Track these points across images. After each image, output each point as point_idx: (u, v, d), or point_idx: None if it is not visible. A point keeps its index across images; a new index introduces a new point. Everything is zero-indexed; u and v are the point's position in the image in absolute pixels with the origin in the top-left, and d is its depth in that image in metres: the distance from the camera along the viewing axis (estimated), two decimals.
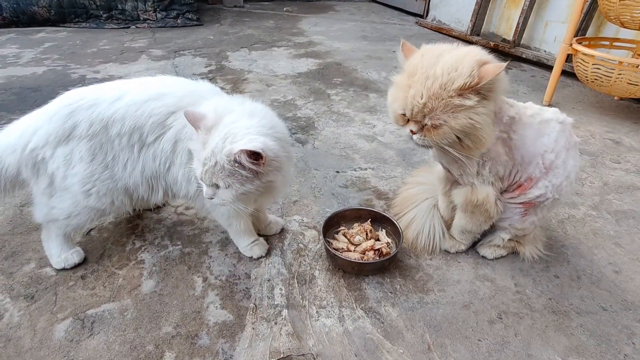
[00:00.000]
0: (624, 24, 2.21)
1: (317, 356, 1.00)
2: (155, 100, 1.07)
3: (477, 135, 1.00)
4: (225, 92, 1.22)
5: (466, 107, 0.96)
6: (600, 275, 1.29)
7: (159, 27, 4.20)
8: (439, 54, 1.01)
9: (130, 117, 1.05)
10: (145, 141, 1.07)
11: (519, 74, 3.18)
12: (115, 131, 1.05)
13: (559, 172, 1.15)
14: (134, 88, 1.09)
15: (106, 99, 1.06)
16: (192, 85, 1.15)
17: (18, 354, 0.98)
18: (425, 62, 1.00)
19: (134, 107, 1.05)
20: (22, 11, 3.85)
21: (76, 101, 1.06)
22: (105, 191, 1.12)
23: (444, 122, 0.98)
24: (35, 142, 1.05)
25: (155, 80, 1.14)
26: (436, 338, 1.06)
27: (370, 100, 2.59)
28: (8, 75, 2.72)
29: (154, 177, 1.12)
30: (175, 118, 1.07)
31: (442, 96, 0.96)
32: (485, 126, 1.00)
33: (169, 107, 1.07)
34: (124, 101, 1.06)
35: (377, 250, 1.27)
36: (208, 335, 1.04)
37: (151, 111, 1.05)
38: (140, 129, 1.06)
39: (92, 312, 1.09)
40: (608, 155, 2.02)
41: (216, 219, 1.27)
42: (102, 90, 1.10)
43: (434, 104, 0.97)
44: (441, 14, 4.62)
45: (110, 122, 1.05)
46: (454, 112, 0.97)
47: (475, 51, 1.01)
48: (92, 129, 1.05)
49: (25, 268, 1.22)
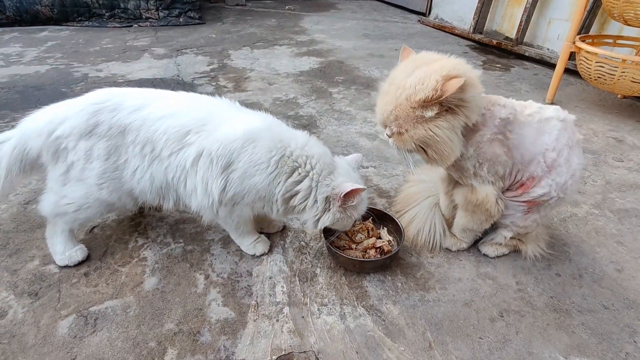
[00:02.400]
0: (627, 21, 2.19)
1: (319, 353, 1.01)
2: (171, 118, 1.11)
3: (438, 148, 1.05)
4: (227, 90, 1.22)
5: (426, 119, 1.02)
6: (602, 274, 1.29)
7: (161, 26, 4.21)
8: (418, 65, 1.04)
9: (145, 130, 1.10)
10: (158, 154, 1.11)
11: (522, 72, 3.17)
12: (131, 139, 1.11)
13: (562, 171, 1.15)
14: (155, 102, 1.14)
15: (128, 106, 1.12)
16: (211, 105, 1.18)
17: (22, 350, 0.99)
18: (402, 72, 1.06)
19: (150, 122, 1.10)
20: (25, 10, 3.87)
21: (103, 102, 1.12)
22: (112, 189, 1.15)
23: (405, 131, 1.05)
24: (61, 131, 1.11)
25: (178, 98, 1.19)
26: (437, 336, 1.07)
27: (372, 98, 2.58)
28: (11, 74, 2.73)
29: (165, 187, 1.15)
30: (198, 137, 1.09)
31: (406, 107, 1.02)
32: (446, 140, 1.03)
33: (185, 126, 1.10)
34: (142, 113, 1.11)
35: (378, 248, 1.28)
36: (210, 332, 1.05)
37: (166, 129, 1.10)
38: (153, 143, 1.10)
39: (95, 309, 1.10)
40: (611, 154, 2.01)
41: (224, 226, 1.28)
42: (128, 96, 1.15)
43: (399, 113, 1.04)
44: (444, 12, 4.60)
45: (128, 129, 1.10)
46: (415, 122, 1.03)
47: (450, 65, 1.02)
48: (111, 132, 1.10)
49: (29, 265, 1.23)
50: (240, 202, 1.13)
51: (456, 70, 1.00)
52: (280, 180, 1.09)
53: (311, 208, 1.12)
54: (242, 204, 1.14)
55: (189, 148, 1.09)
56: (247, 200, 1.12)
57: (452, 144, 1.04)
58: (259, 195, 1.11)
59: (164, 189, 1.15)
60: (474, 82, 1.03)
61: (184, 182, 1.12)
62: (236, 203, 1.13)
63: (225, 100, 1.21)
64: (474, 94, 1.02)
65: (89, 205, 1.17)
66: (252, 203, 1.14)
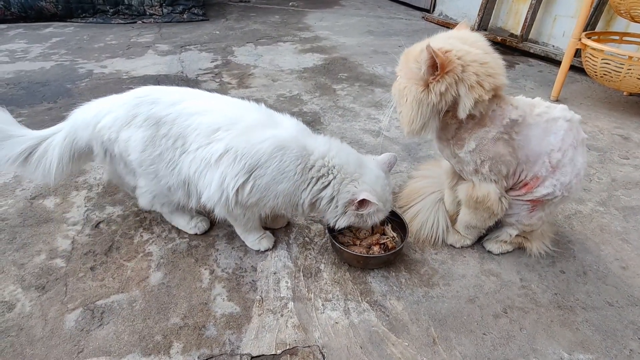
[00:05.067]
0: (634, 18, 2.18)
1: (323, 348, 1.01)
2: (204, 115, 1.14)
3: (401, 109, 1.11)
4: (231, 87, 1.22)
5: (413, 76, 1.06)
6: (607, 271, 1.28)
7: (165, 22, 4.21)
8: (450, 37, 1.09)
9: (178, 124, 1.13)
10: (187, 149, 1.13)
11: (527, 69, 3.15)
12: (164, 131, 1.14)
13: (567, 171, 1.14)
14: (191, 99, 1.18)
15: (165, 100, 1.16)
16: (244, 106, 1.21)
17: (30, 342, 1.00)
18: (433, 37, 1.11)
19: (183, 117, 1.14)
20: (29, 6, 3.88)
21: (144, 95, 1.18)
22: (156, 180, 1.20)
23: (400, 76, 1.12)
24: (104, 123, 1.17)
25: (213, 97, 1.23)
26: (441, 332, 1.07)
27: (376, 95, 2.58)
28: (17, 70, 2.74)
29: (187, 182, 1.17)
30: (227, 134, 1.11)
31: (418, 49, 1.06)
32: (408, 108, 1.07)
33: (216, 124, 1.12)
34: (176, 107, 1.15)
35: (382, 244, 1.28)
36: (215, 327, 1.06)
37: (198, 125, 1.12)
38: (184, 138, 1.13)
39: (101, 303, 1.11)
40: (616, 151, 2.00)
41: (232, 222, 1.28)
42: (167, 91, 1.21)
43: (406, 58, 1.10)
44: (448, 9, 4.58)
45: (162, 122, 1.14)
46: (406, 74, 1.08)
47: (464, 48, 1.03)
48: (147, 123, 1.14)
49: (36, 259, 1.24)
50: (262, 205, 1.15)
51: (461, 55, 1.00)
52: (305, 187, 1.13)
53: (332, 211, 1.17)
54: (263, 206, 1.16)
55: (216, 144, 1.11)
56: (270, 204, 1.15)
57: (415, 115, 1.07)
58: (285, 200, 1.14)
59: (187, 184, 1.17)
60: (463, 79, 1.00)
61: (204, 176, 1.13)
62: (257, 205, 1.15)
63: (255, 104, 1.23)
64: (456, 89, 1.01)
65: (160, 191, 1.23)
66: (275, 206, 1.16)
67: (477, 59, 1.01)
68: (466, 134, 1.11)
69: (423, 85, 1.04)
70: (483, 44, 1.06)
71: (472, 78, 1.00)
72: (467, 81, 1.00)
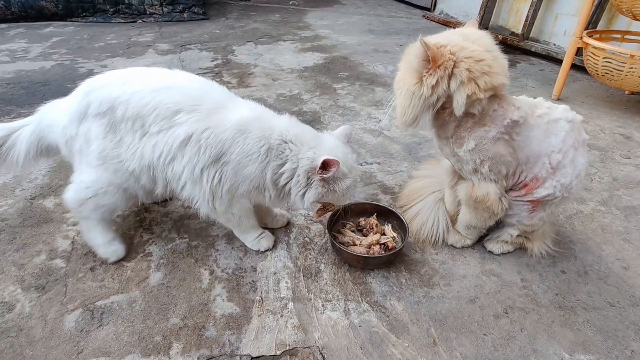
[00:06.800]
0: (636, 16, 2.16)
1: (323, 349, 1.01)
2: (163, 93, 1.08)
3: (397, 100, 1.11)
4: (231, 86, 1.22)
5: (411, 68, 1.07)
6: (608, 271, 1.28)
7: (165, 21, 4.20)
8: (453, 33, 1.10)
9: (134, 103, 1.07)
10: (147, 130, 1.09)
11: (528, 67, 3.14)
12: (121, 113, 1.08)
13: (567, 172, 1.13)
14: (145, 76, 1.14)
15: (116, 81, 1.12)
16: (205, 85, 1.18)
17: (30, 343, 1.00)
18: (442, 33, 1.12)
19: (139, 95, 1.08)
20: (30, 5, 3.87)
21: (92, 83, 1.15)
22: (114, 169, 1.14)
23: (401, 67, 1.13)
24: (65, 121, 1.15)
25: (167, 73, 1.17)
26: (441, 332, 1.07)
27: (377, 94, 2.57)
28: (17, 70, 2.74)
29: (152, 167, 1.12)
30: (188, 118, 1.07)
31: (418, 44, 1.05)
32: (401, 99, 1.09)
33: (177, 104, 1.08)
34: (130, 86, 1.10)
35: (382, 244, 1.27)
36: (215, 327, 1.06)
37: (157, 104, 1.07)
38: (143, 118, 1.08)
39: (101, 303, 1.11)
40: (618, 151, 1.99)
41: (226, 224, 1.27)
42: (117, 73, 1.17)
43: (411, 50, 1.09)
44: (449, 7, 4.56)
45: (116, 103, 1.08)
46: (407, 65, 1.09)
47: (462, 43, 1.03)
48: (101, 107, 1.10)
49: (36, 260, 1.24)
50: (236, 194, 1.14)
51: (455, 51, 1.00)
52: (269, 167, 1.12)
53: (295, 185, 1.13)
54: (238, 195, 1.14)
55: (178, 128, 1.07)
56: (241, 190, 1.13)
57: (407, 107, 1.07)
58: (252, 184, 1.13)
59: (153, 170, 1.13)
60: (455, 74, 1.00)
61: (171, 165, 1.11)
62: (233, 195, 1.14)
63: (217, 85, 1.20)
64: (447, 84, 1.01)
65: (104, 190, 1.17)
66: (247, 193, 1.15)
67: (473, 55, 1.01)
68: (465, 133, 1.11)
69: (417, 78, 1.05)
70: (486, 42, 1.06)
71: (464, 74, 1.00)
72: (459, 77, 1.00)
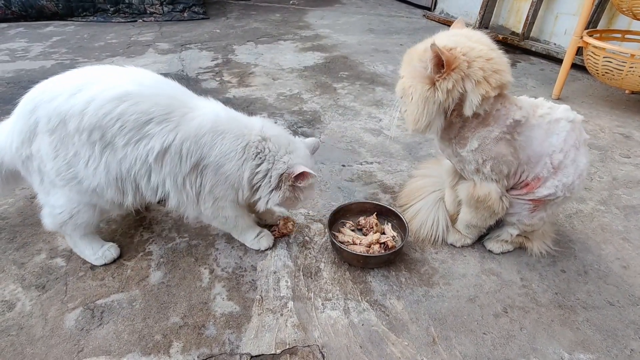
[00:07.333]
0: (636, 16, 2.16)
1: (323, 347, 1.01)
2: (125, 101, 1.00)
3: (407, 108, 1.10)
4: (232, 85, 1.22)
5: (418, 74, 1.05)
6: (608, 270, 1.28)
7: (165, 21, 4.20)
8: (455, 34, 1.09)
9: (90, 114, 0.98)
10: (110, 142, 1.01)
11: (528, 67, 3.14)
12: (74, 126, 0.99)
13: (569, 172, 1.13)
14: (100, 81, 1.02)
15: (65, 91, 1.00)
16: (168, 87, 1.11)
17: (30, 341, 1.00)
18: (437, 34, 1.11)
19: (96, 105, 0.99)
20: (30, 5, 3.87)
21: (39, 94, 1.03)
22: (77, 189, 1.07)
23: (402, 77, 1.12)
24: (17, 143, 1.06)
25: (122, 74, 1.06)
26: (441, 331, 1.07)
27: (377, 93, 2.57)
28: (17, 69, 2.74)
29: (122, 180, 1.07)
30: (161, 128, 1.02)
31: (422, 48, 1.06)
32: (413, 106, 1.07)
33: (146, 114, 1.01)
34: (84, 95, 0.99)
35: (382, 243, 1.28)
36: (215, 326, 1.06)
37: (120, 114, 0.99)
38: (102, 129, 1.00)
39: (101, 302, 1.11)
40: (618, 150, 1.99)
41: (222, 227, 1.27)
42: (65, 79, 1.05)
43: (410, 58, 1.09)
44: (449, 7, 4.56)
45: (68, 116, 0.99)
46: (411, 73, 1.08)
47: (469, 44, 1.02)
48: (51, 124, 1.00)
49: (36, 258, 1.24)
50: (217, 195, 1.14)
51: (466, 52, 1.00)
52: (247, 165, 1.12)
53: (266, 185, 1.15)
54: (218, 195, 1.14)
55: (150, 140, 1.02)
56: (220, 189, 1.13)
57: (421, 114, 1.06)
58: (228, 181, 1.13)
59: (121, 182, 1.07)
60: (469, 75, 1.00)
61: (146, 176, 1.06)
62: (212, 194, 1.14)
63: (173, 82, 1.14)
64: (463, 85, 1.00)
65: (78, 209, 1.11)
66: (224, 192, 1.14)
67: (483, 54, 1.01)
68: (469, 133, 1.11)
69: (429, 84, 1.03)
70: (488, 40, 1.06)
71: (478, 74, 0.99)
72: (474, 77, 1.00)
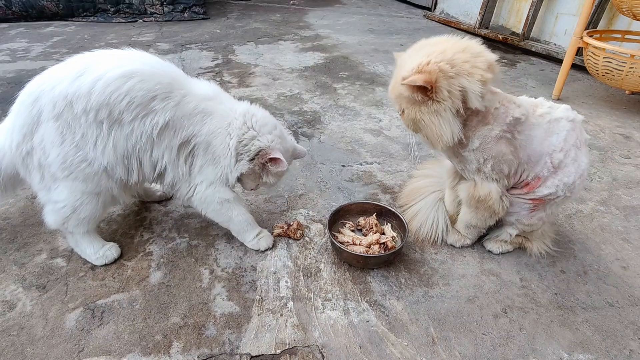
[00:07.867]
0: (636, 16, 2.16)
1: (322, 348, 1.02)
2: (132, 79, 1.02)
3: (427, 131, 1.07)
4: (232, 85, 1.23)
5: (417, 102, 1.04)
6: (607, 271, 1.28)
7: (165, 21, 4.21)
8: (423, 46, 1.07)
9: (98, 92, 1.00)
10: (117, 119, 1.03)
11: (528, 67, 3.14)
12: (81, 107, 1.00)
13: (570, 171, 1.14)
14: (103, 62, 1.04)
15: (67, 76, 1.01)
16: (169, 68, 1.16)
17: (31, 341, 1.00)
18: (410, 51, 1.10)
19: (103, 84, 1.00)
20: (31, 5, 3.88)
21: (38, 87, 1.03)
22: (85, 175, 1.08)
23: (403, 111, 1.10)
24: (17, 139, 1.05)
25: (124, 56, 1.09)
26: (440, 331, 1.07)
27: (377, 94, 2.57)
28: (18, 69, 2.75)
29: (127, 156, 1.09)
30: (164, 105, 1.07)
31: (398, 84, 1.05)
32: (432, 124, 1.05)
33: (152, 91, 1.05)
34: (87, 77, 1.00)
35: (382, 244, 1.28)
36: (215, 326, 1.06)
37: (128, 90, 1.02)
38: (110, 106, 1.01)
39: (101, 302, 1.12)
40: (618, 150, 1.99)
41: (213, 217, 1.27)
42: (62, 69, 1.05)
43: (400, 92, 1.06)
44: (449, 7, 4.56)
45: (75, 98, 0.99)
46: (410, 104, 1.06)
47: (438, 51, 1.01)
48: (57, 109, 1.00)
49: (37, 259, 1.25)
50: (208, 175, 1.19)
51: (441, 58, 0.99)
52: (234, 134, 1.17)
53: (245, 154, 1.19)
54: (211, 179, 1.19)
55: (155, 116, 1.06)
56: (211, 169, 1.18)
57: (440, 127, 1.05)
58: (216, 154, 1.17)
59: (127, 159, 1.09)
60: (458, 72, 0.99)
61: (149, 151, 1.10)
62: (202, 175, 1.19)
63: (173, 65, 1.19)
64: (459, 83, 1.00)
65: (81, 201, 1.11)
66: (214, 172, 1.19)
67: (456, 49, 1.02)
68: (470, 133, 1.11)
69: (428, 100, 1.03)
70: (451, 38, 1.08)
71: (465, 67, 1.00)
72: (463, 72, 1.00)
